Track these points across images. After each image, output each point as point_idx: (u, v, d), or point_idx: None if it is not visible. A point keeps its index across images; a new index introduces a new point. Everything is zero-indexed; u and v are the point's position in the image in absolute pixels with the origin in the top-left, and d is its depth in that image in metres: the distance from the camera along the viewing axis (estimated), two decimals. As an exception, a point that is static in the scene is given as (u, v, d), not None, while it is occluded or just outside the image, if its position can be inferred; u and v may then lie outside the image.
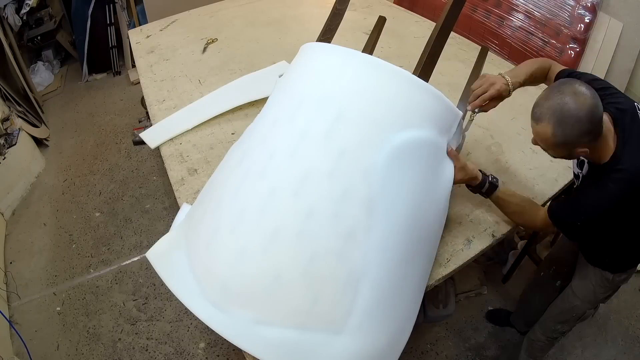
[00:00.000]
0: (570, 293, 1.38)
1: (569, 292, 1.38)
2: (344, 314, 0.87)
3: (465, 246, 1.18)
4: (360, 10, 2.36)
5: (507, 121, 1.57)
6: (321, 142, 0.92)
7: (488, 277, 2.06)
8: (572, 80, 1.00)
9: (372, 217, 0.89)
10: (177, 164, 1.43)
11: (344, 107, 0.94)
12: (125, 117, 3.20)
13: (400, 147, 0.93)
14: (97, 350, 1.86)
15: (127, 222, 2.42)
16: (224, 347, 1.84)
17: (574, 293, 1.36)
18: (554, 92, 0.96)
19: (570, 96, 0.93)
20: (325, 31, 1.39)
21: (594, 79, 1.11)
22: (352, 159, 0.90)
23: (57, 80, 3.60)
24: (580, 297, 1.35)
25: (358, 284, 0.87)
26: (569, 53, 2.21)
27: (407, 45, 2.03)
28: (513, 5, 2.39)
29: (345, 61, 1.00)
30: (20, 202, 2.56)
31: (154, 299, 2.03)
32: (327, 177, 0.90)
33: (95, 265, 2.21)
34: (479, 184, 1.14)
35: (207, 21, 2.30)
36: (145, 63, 1.97)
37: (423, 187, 1.00)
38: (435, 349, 1.83)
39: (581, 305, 1.36)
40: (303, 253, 0.87)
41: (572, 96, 0.93)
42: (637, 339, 1.86)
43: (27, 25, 3.34)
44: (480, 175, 1.13)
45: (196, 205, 1.12)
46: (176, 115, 1.63)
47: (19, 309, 2.03)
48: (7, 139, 2.53)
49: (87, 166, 2.81)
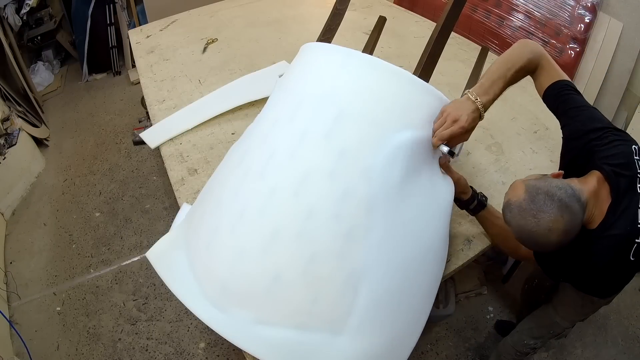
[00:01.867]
0: (551, 309, 1.31)
1: (550, 308, 1.32)
2: (344, 314, 0.87)
3: (465, 246, 1.18)
4: (360, 10, 2.36)
5: (507, 121, 1.57)
6: (321, 142, 0.92)
7: (488, 277, 2.06)
8: (550, 187, 0.88)
9: (372, 217, 0.89)
10: (177, 164, 1.43)
11: (344, 107, 0.94)
12: (125, 117, 3.20)
13: (401, 147, 0.93)
14: (97, 350, 1.86)
15: (127, 222, 2.42)
16: (224, 347, 1.84)
17: (555, 310, 1.30)
18: (527, 208, 0.88)
19: (543, 230, 0.86)
20: (325, 31, 1.39)
21: (590, 117, 0.98)
22: (352, 159, 0.90)
23: (57, 80, 3.60)
24: (561, 315, 1.29)
25: (358, 284, 0.87)
26: (569, 53, 2.21)
27: (407, 45, 2.03)
28: (513, 5, 2.39)
29: (345, 61, 1.00)
30: (20, 202, 2.56)
31: (154, 299, 2.03)
32: (327, 177, 0.90)
33: (95, 265, 2.21)
34: (468, 200, 1.12)
35: (207, 21, 2.30)
36: (145, 63, 1.97)
37: (424, 186, 1.00)
38: (435, 349, 1.83)
39: (560, 322, 1.30)
40: (303, 253, 0.87)
41: (544, 231, 0.86)
42: (637, 339, 1.86)
43: (27, 25, 3.34)
44: (470, 190, 1.11)
45: (196, 205, 1.12)
46: (176, 115, 1.63)
47: (19, 309, 2.03)
48: (7, 139, 2.53)
49: (87, 166, 2.81)
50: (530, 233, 0.89)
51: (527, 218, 0.88)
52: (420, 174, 0.99)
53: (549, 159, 1.43)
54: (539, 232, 0.87)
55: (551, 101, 1.04)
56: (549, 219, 0.86)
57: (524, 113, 1.61)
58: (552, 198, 0.87)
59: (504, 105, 1.63)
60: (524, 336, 1.40)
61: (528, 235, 0.90)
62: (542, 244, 0.90)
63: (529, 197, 0.89)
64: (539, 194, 0.88)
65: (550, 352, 1.80)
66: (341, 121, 0.93)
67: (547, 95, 1.04)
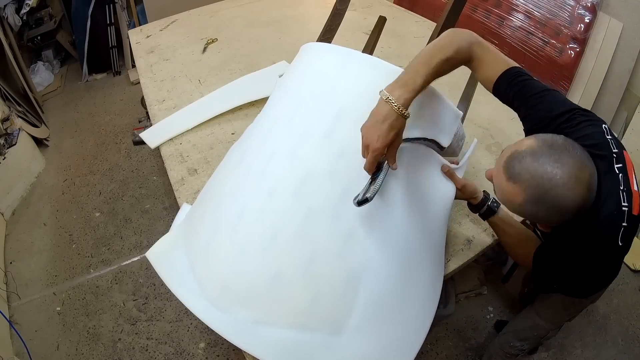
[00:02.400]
0: (534, 312, 1.27)
1: (532, 311, 1.27)
2: (344, 314, 0.87)
3: (465, 246, 1.18)
4: (360, 10, 2.36)
5: (507, 121, 1.57)
6: (321, 142, 0.92)
7: (488, 277, 2.06)
8: (575, 144, 0.78)
9: (372, 217, 0.89)
10: (177, 164, 1.43)
11: (344, 107, 0.94)
12: (125, 117, 3.20)
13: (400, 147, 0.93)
14: (97, 350, 1.86)
15: (127, 222, 2.42)
16: (224, 347, 1.84)
17: (537, 313, 1.26)
18: (546, 152, 0.75)
19: (567, 178, 0.73)
20: (325, 31, 1.39)
21: (554, 101, 0.89)
22: (352, 159, 0.90)
23: (57, 80, 3.60)
24: (543, 317, 1.24)
25: (358, 285, 0.87)
26: (569, 53, 2.21)
27: (407, 45, 2.03)
28: (513, 5, 2.39)
29: (345, 61, 1.00)
30: (20, 202, 2.56)
31: (154, 299, 2.03)
32: (327, 177, 0.90)
33: (95, 265, 2.21)
34: (477, 205, 1.06)
35: (207, 21, 2.30)
36: (145, 63, 1.97)
37: (424, 185, 1.00)
38: (435, 349, 1.83)
39: (544, 324, 1.25)
40: (303, 253, 0.87)
41: (569, 180, 0.73)
42: (637, 339, 1.86)
43: (27, 25, 3.34)
44: (480, 195, 1.05)
45: (196, 205, 1.12)
46: (176, 115, 1.63)
47: (19, 309, 2.03)
48: (7, 139, 2.53)
49: (87, 166, 2.81)
50: (550, 186, 0.74)
51: (547, 165, 0.74)
52: (420, 173, 0.99)
53: (549, 159, 1.43)
54: (563, 182, 0.73)
55: (504, 92, 0.92)
56: (574, 164, 0.74)
57: (524, 113, 1.61)
58: (572, 144, 0.77)
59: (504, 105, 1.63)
60: (509, 338, 1.37)
61: (546, 190, 0.74)
62: (563, 204, 0.75)
63: (544, 144, 0.77)
64: (557, 140, 0.77)
65: (550, 352, 1.80)
66: (341, 121, 0.93)
67: (499, 87, 0.92)
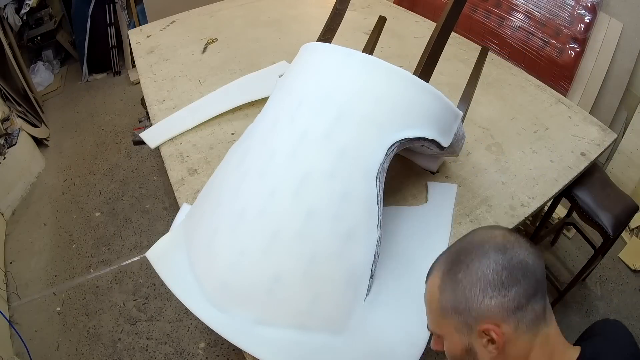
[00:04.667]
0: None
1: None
2: (344, 314, 0.87)
3: (465, 246, 1.18)
4: (360, 10, 2.36)
5: (507, 121, 1.57)
6: (321, 142, 0.92)
7: (488, 277, 2.06)
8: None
9: (372, 218, 0.89)
10: (177, 164, 1.43)
11: (344, 107, 0.94)
12: (125, 117, 3.20)
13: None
14: (97, 350, 1.86)
15: (127, 222, 2.42)
16: (224, 347, 1.84)
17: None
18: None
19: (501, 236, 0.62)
20: (325, 31, 1.39)
21: None
22: (352, 159, 0.90)
23: (57, 80, 3.60)
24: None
25: (358, 284, 0.87)
26: (569, 53, 2.21)
27: (407, 45, 2.03)
28: (513, 5, 2.39)
29: (345, 61, 1.00)
30: (20, 202, 2.56)
31: (154, 299, 2.03)
32: (328, 177, 0.90)
33: (95, 265, 2.21)
34: None
35: (207, 21, 2.30)
36: (145, 63, 1.97)
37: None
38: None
39: None
40: (303, 253, 0.87)
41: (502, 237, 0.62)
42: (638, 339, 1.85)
43: (27, 25, 3.34)
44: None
45: (196, 205, 1.12)
46: (176, 115, 1.63)
47: (19, 309, 2.02)
48: (7, 139, 2.53)
49: (87, 166, 2.80)
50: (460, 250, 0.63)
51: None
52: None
53: (548, 159, 1.43)
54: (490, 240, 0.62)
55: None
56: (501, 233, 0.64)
57: (524, 113, 1.61)
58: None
59: (504, 105, 1.63)
60: None
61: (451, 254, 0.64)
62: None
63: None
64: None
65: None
66: (341, 121, 0.93)
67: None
